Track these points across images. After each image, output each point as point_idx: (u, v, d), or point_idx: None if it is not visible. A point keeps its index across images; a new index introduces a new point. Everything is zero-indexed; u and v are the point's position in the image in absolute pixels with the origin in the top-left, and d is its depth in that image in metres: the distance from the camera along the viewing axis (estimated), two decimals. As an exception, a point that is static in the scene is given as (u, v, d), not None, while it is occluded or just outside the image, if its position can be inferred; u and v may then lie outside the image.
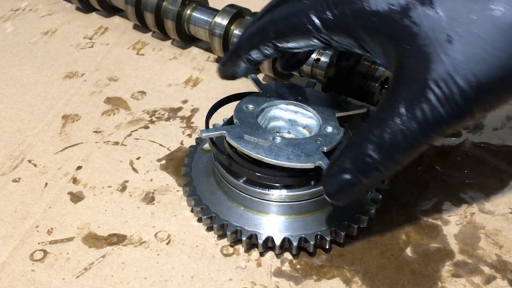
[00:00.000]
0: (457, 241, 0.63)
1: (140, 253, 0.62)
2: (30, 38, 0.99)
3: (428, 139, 0.45)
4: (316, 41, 0.52)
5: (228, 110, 0.68)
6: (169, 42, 0.98)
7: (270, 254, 0.62)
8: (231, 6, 0.88)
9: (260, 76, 0.86)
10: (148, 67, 0.92)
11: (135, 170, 0.72)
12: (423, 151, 0.46)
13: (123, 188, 0.70)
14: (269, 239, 0.60)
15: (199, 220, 0.65)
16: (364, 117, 0.68)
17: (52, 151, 0.75)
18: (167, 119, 0.81)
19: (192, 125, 0.79)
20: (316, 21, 0.50)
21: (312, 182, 0.60)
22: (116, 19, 1.04)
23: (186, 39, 0.95)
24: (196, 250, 0.62)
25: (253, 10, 0.89)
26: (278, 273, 0.60)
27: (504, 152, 0.74)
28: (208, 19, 0.89)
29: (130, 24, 1.02)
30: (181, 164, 0.70)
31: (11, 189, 0.70)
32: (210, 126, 0.69)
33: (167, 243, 0.63)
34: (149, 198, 0.68)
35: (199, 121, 0.80)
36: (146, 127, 0.79)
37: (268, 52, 0.57)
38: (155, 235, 0.64)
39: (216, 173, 0.65)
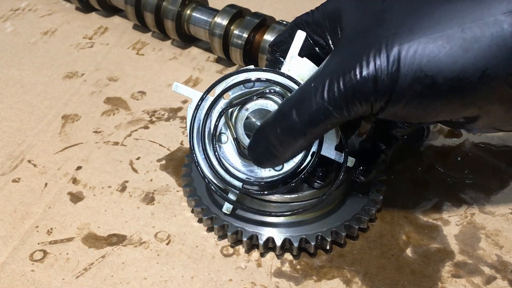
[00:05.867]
0: (457, 241, 0.63)
1: (140, 254, 0.62)
2: (30, 38, 0.99)
3: None
4: None
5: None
6: (169, 42, 0.98)
7: (270, 255, 0.62)
8: (231, 6, 0.88)
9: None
10: (148, 67, 0.92)
11: (135, 170, 0.72)
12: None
13: (123, 188, 0.70)
14: (270, 240, 0.60)
15: (200, 220, 0.65)
16: None
17: (52, 151, 0.75)
18: (167, 119, 0.81)
19: (192, 125, 0.79)
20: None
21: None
22: (116, 19, 1.04)
23: (186, 39, 0.95)
24: (196, 251, 0.62)
25: (253, 10, 0.89)
26: (278, 273, 0.60)
27: (504, 152, 0.74)
28: (208, 19, 0.89)
29: (130, 24, 1.02)
30: (181, 165, 0.70)
31: (11, 189, 0.69)
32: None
33: (167, 244, 0.63)
34: (149, 199, 0.68)
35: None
36: (146, 127, 0.79)
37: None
38: (155, 235, 0.64)
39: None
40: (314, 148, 0.57)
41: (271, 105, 0.57)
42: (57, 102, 0.84)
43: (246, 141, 0.58)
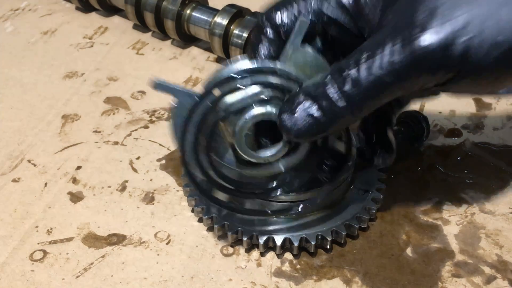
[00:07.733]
0: (458, 241, 0.63)
1: (140, 253, 0.62)
2: (30, 38, 0.99)
3: None
4: None
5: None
6: (169, 42, 0.98)
7: (270, 254, 0.61)
8: (231, 6, 0.88)
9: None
10: (148, 67, 0.92)
11: (134, 170, 0.72)
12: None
13: (123, 188, 0.70)
14: (270, 239, 0.60)
15: (200, 220, 0.65)
16: None
17: (51, 151, 0.75)
18: (167, 119, 0.80)
19: (192, 125, 0.79)
20: None
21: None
22: (116, 19, 1.04)
23: (186, 39, 0.95)
24: (196, 250, 0.62)
25: (253, 10, 0.89)
26: (278, 273, 0.60)
27: (505, 152, 0.74)
28: (208, 19, 0.89)
29: (130, 24, 1.02)
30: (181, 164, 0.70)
31: (10, 189, 0.69)
32: None
33: (167, 243, 0.63)
34: (149, 198, 0.68)
35: (199, 121, 0.80)
36: (146, 127, 0.79)
37: None
38: (155, 235, 0.64)
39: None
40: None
41: (269, 110, 0.53)
42: (57, 102, 0.84)
43: (242, 147, 0.55)
